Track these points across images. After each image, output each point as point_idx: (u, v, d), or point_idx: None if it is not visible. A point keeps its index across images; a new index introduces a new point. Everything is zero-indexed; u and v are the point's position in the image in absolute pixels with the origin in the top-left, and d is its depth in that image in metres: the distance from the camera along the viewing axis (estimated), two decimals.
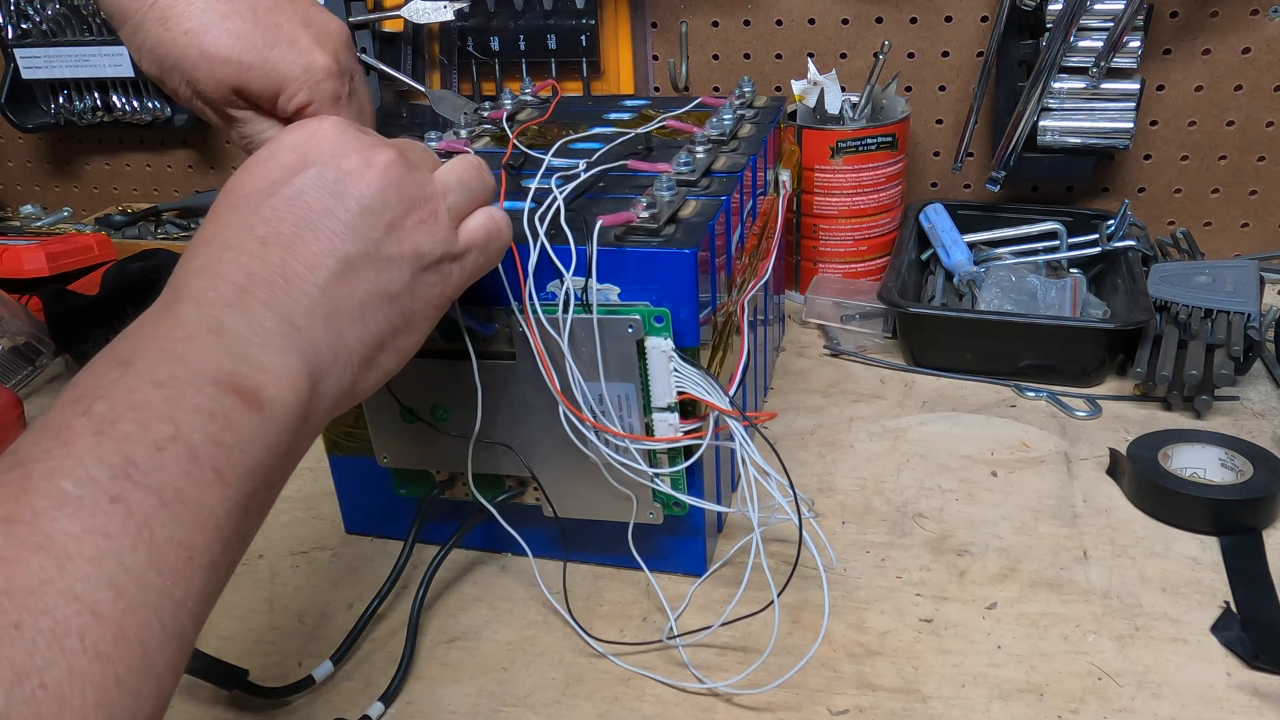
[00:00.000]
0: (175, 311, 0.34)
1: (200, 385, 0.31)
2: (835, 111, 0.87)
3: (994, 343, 0.74)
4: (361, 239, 0.38)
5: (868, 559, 0.56)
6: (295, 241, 0.36)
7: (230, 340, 0.33)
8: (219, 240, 0.36)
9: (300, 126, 0.39)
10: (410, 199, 0.40)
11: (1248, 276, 0.77)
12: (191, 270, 0.36)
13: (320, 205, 0.37)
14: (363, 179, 0.38)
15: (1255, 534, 0.56)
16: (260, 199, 0.37)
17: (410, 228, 0.40)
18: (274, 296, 0.35)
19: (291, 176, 0.38)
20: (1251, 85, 0.87)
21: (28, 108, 1.12)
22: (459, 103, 0.93)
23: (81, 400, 0.29)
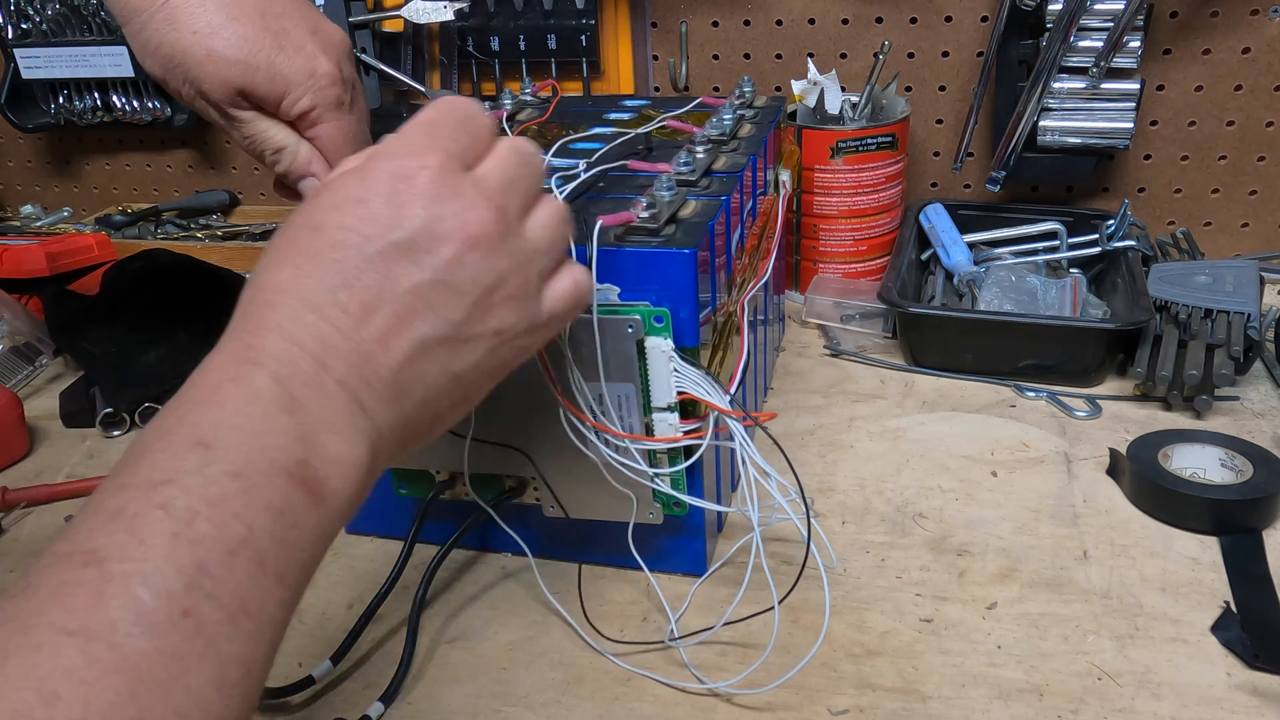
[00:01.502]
0: (252, 380, 0.32)
1: (273, 477, 0.30)
2: (835, 111, 0.87)
3: (994, 343, 0.74)
4: (442, 320, 0.35)
5: (868, 559, 0.56)
6: (376, 315, 0.34)
7: (303, 423, 0.32)
8: (299, 293, 0.34)
9: (398, 160, 0.36)
10: (500, 273, 0.37)
11: (1248, 276, 0.77)
12: (268, 325, 0.34)
13: (406, 279, 0.35)
14: (452, 252, 0.35)
15: (1255, 534, 0.56)
16: (347, 256, 0.35)
17: (496, 305, 0.37)
18: (349, 376, 0.34)
19: (382, 234, 0.35)
20: (1251, 85, 0.87)
21: (28, 108, 1.12)
22: None
23: (159, 488, 0.28)
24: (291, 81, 0.46)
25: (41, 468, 0.71)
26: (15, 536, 0.63)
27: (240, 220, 1.13)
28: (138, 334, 0.75)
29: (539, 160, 0.40)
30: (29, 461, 0.72)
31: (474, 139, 0.38)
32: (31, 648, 0.25)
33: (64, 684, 0.24)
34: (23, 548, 0.62)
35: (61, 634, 0.25)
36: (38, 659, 0.25)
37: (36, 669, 0.24)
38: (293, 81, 0.46)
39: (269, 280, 0.35)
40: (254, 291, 0.35)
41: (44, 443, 0.74)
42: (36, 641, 0.25)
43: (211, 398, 0.32)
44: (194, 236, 1.06)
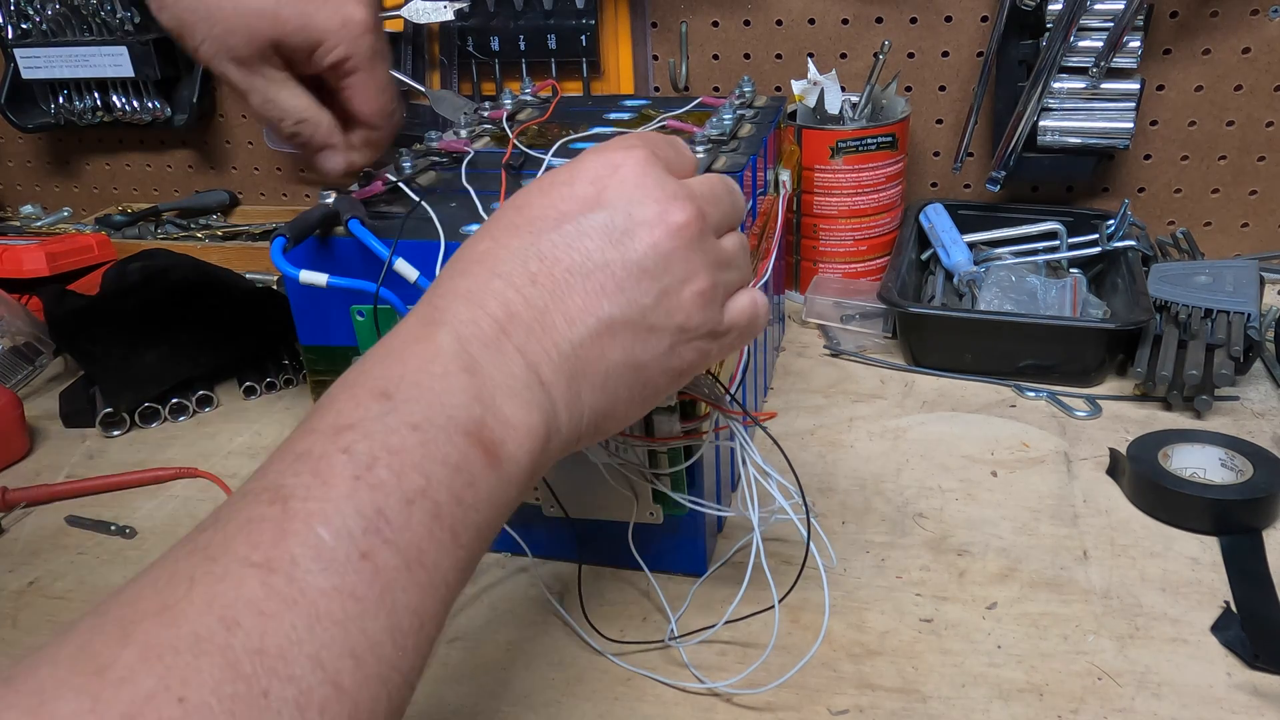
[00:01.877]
0: (434, 339, 0.33)
1: (451, 434, 0.30)
2: (835, 111, 0.87)
3: (994, 343, 0.74)
4: (629, 303, 0.35)
5: (868, 559, 0.56)
6: (563, 288, 0.35)
7: (481, 384, 0.32)
8: (491, 262, 0.35)
9: (606, 152, 0.37)
10: (693, 268, 0.37)
11: (1248, 276, 0.77)
12: (458, 291, 0.34)
13: (599, 255, 0.35)
14: (650, 237, 0.36)
15: (1255, 534, 0.56)
16: (543, 229, 0.35)
17: (685, 300, 0.37)
18: (528, 342, 0.34)
19: (581, 212, 0.35)
20: (1251, 85, 0.87)
21: (28, 108, 1.12)
22: (459, 103, 0.93)
23: (343, 433, 0.29)
24: (325, 30, 0.44)
25: (41, 468, 0.71)
26: (15, 536, 0.63)
27: (240, 220, 1.13)
28: (138, 334, 0.75)
29: (740, 195, 0.41)
30: (29, 461, 0.72)
31: (679, 156, 0.39)
32: (216, 576, 0.26)
33: (245, 613, 0.25)
34: (23, 547, 0.62)
35: (245, 565, 0.26)
36: (221, 587, 0.25)
37: (220, 597, 0.25)
38: (326, 30, 0.44)
39: (467, 252, 0.36)
40: (453, 262, 0.36)
41: (44, 443, 0.74)
42: (222, 571, 0.26)
43: (396, 354, 0.32)
44: (194, 236, 1.06)
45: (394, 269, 0.48)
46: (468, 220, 0.51)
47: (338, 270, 0.49)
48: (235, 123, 1.13)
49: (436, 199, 0.55)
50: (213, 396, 0.78)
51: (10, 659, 0.53)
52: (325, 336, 0.54)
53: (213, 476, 0.68)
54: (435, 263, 0.49)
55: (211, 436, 0.74)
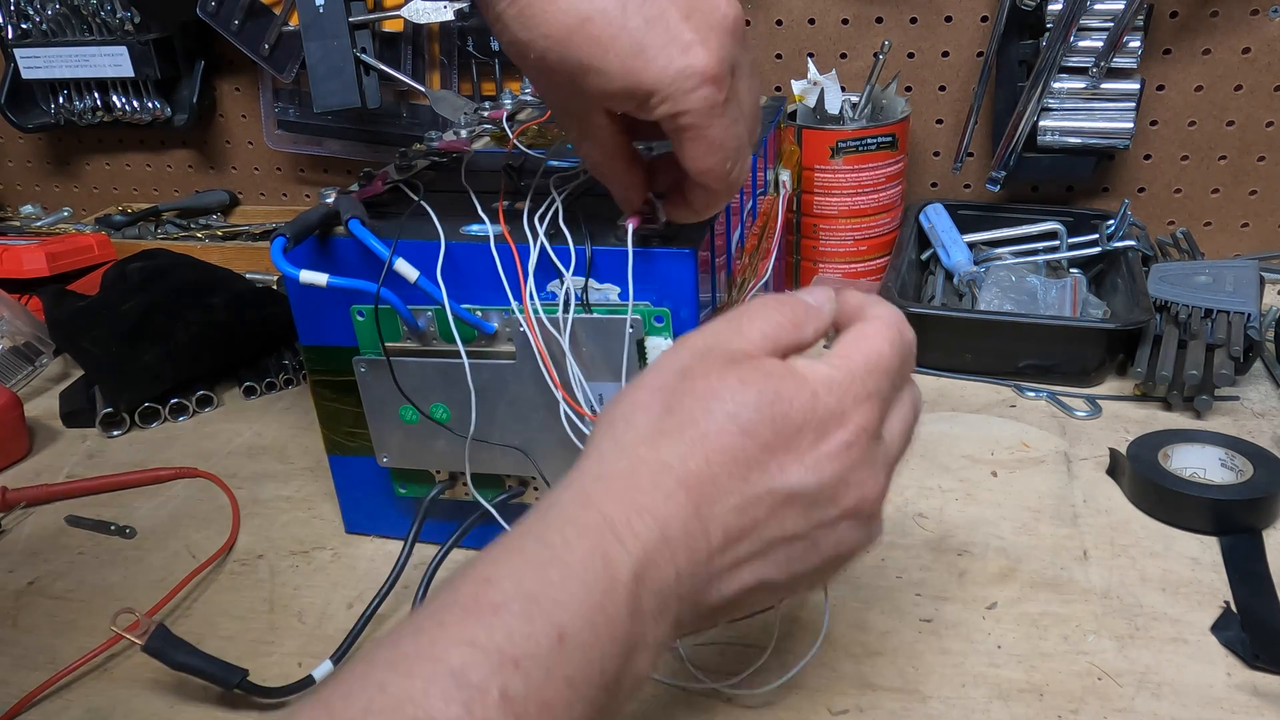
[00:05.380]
0: (617, 570, 0.31)
1: (594, 691, 0.30)
2: (835, 111, 0.87)
3: (994, 343, 0.74)
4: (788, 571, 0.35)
5: (868, 559, 0.56)
6: (746, 553, 0.34)
7: (635, 633, 0.32)
8: (700, 497, 0.33)
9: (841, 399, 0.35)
10: (854, 544, 0.37)
11: (1248, 276, 0.77)
12: (657, 514, 0.33)
13: (791, 525, 0.35)
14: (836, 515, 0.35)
15: (1255, 534, 0.56)
16: (758, 481, 0.34)
17: (829, 565, 0.37)
18: (691, 595, 0.34)
19: (798, 478, 0.34)
20: (1251, 85, 0.87)
21: (28, 108, 1.12)
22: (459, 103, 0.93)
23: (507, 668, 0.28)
24: (656, 83, 0.39)
25: (41, 468, 0.71)
26: (15, 537, 0.63)
27: (240, 220, 1.13)
28: (138, 334, 0.75)
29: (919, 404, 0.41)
30: (29, 461, 0.72)
31: (900, 385, 0.38)
32: None
33: None
34: (23, 548, 0.62)
35: None
36: None
37: None
38: (658, 83, 0.39)
39: (676, 457, 0.34)
40: (653, 450, 0.34)
41: (44, 443, 0.74)
42: None
43: (580, 571, 0.31)
44: (194, 236, 1.06)
45: (394, 269, 0.48)
46: (468, 220, 0.51)
47: (338, 270, 0.49)
48: (235, 123, 1.13)
49: (436, 199, 0.55)
50: (213, 396, 0.78)
51: (10, 659, 0.53)
52: (325, 336, 0.54)
53: (213, 476, 0.68)
54: (435, 263, 0.49)
55: (211, 436, 0.74)
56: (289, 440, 0.72)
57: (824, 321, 0.39)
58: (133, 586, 0.58)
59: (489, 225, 0.49)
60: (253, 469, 0.69)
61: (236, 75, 1.10)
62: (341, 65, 0.93)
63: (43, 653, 0.53)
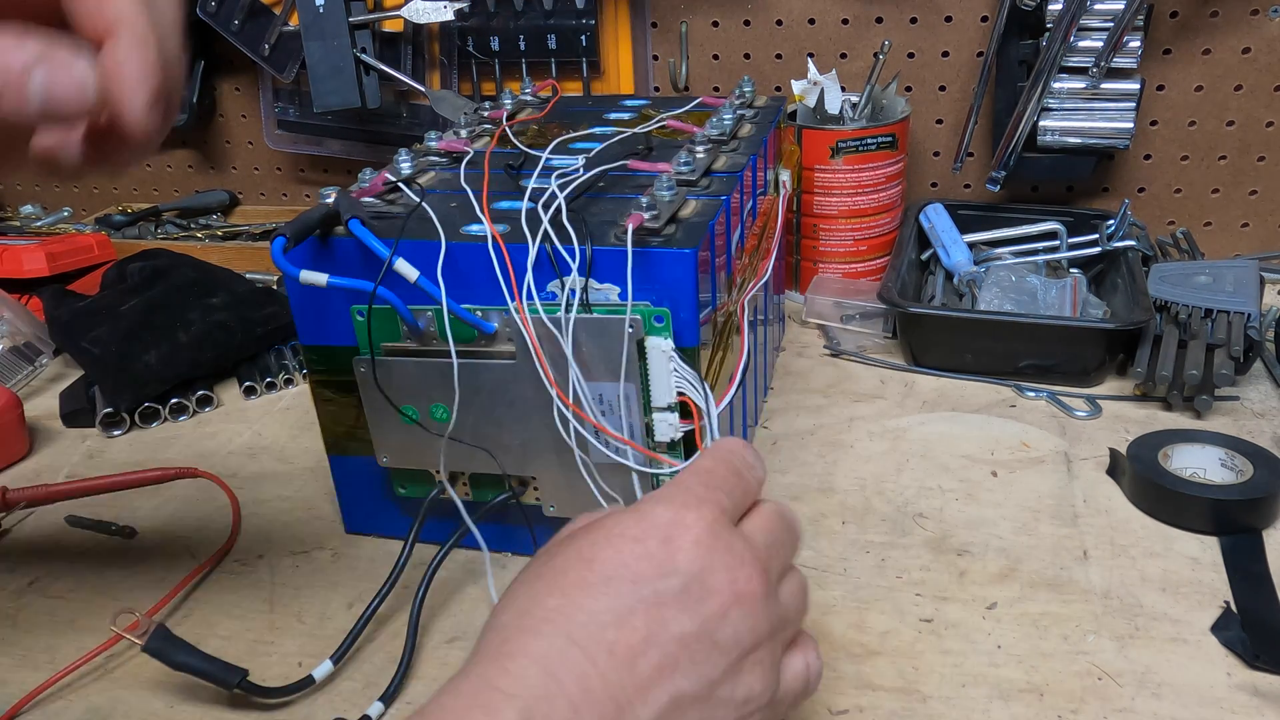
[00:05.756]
0: (501, 712, 0.31)
1: None
2: (835, 111, 0.87)
3: (994, 343, 0.74)
4: (701, 677, 0.34)
5: (868, 559, 0.56)
6: (639, 659, 0.33)
7: None
8: (564, 624, 0.33)
9: (674, 507, 0.36)
10: (759, 636, 0.35)
11: (1248, 276, 0.77)
12: (530, 653, 0.32)
13: (675, 626, 0.34)
14: (721, 607, 0.34)
15: (1255, 534, 0.56)
16: (619, 591, 0.34)
17: (747, 669, 0.35)
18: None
19: (656, 576, 0.34)
20: (1251, 85, 0.87)
21: None
22: (459, 103, 0.93)
23: None
24: None
25: (41, 468, 0.71)
26: (15, 536, 0.63)
27: (240, 220, 1.13)
28: (138, 334, 0.75)
29: (798, 527, 0.40)
30: (29, 461, 0.72)
31: (745, 493, 0.38)
32: None
33: None
34: (23, 548, 0.62)
35: None
36: None
37: None
38: None
39: (533, 605, 0.34)
40: (514, 615, 0.34)
41: (44, 443, 0.74)
42: None
43: None
44: (194, 236, 1.06)
45: (394, 269, 0.48)
46: (468, 220, 0.51)
47: (338, 270, 0.49)
48: (235, 123, 1.13)
49: (436, 199, 0.55)
50: (213, 396, 0.78)
51: (10, 659, 0.53)
52: (325, 336, 0.54)
53: (213, 476, 0.67)
54: (435, 263, 0.49)
55: (211, 436, 0.74)
56: (289, 440, 0.72)
57: None
58: (133, 586, 0.58)
59: (489, 225, 0.49)
60: (253, 469, 0.69)
61: (236, 75, 1.10)
62: (341, 65, 0.93)
63: (43, 653, 0.53)
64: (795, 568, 0.40)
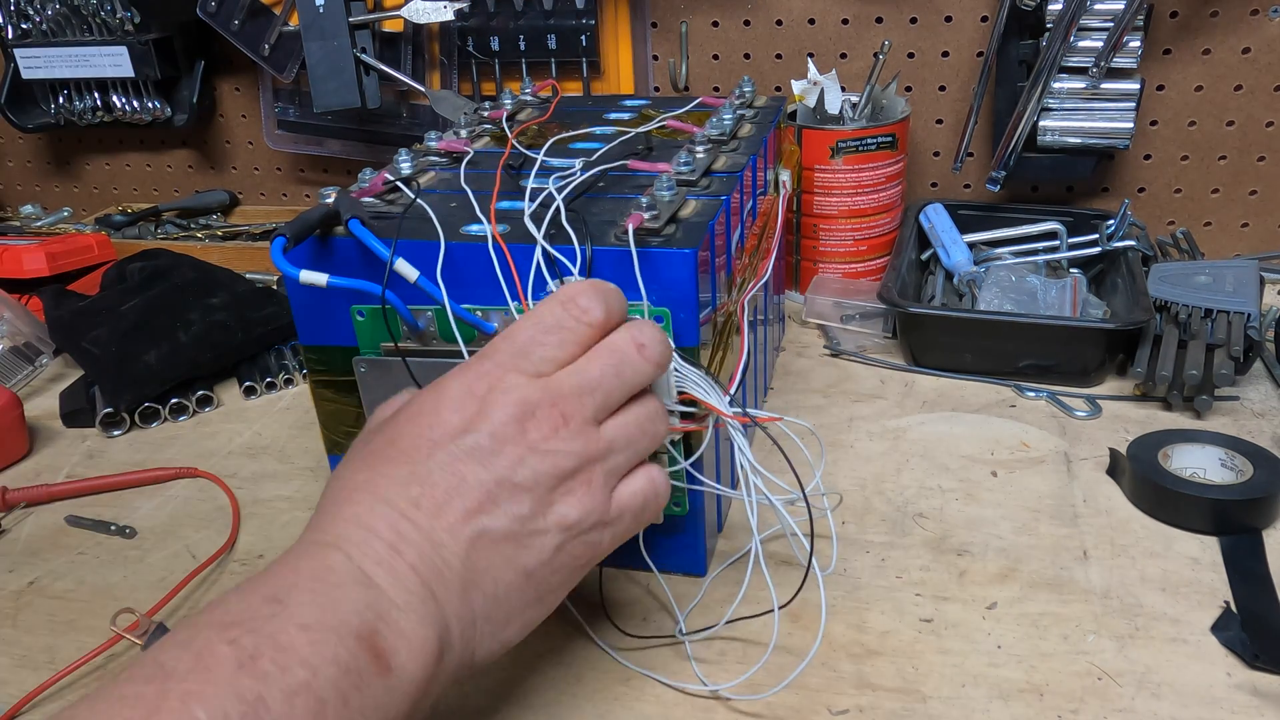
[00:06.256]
0: (327, 558, 0.35)
1: (343, 636, 0.32)
2: (835, 111, 0.87)
3: (994, 343, 0.74)
4: (506, 514, 0.38)
5: (868, 559, 0.56)
6: (445, 507, 0.37)
7: (376, 596, 0.34)
8: (373, 490, 0.37)
9: (465, 376, 0.40)
10: (562, 471, 0.39)
11: (1248, 276, 0.77)
12: (345, 517, 0.37)
13: (472, 476, 0.38)
14: (515, 452, 0.38)
15: (1255, 534, 0.56)
16: (418, 457, 0.38)
17: (558, 499, 0.39)
18: (420, 561, 0.36)
19: (452, 438, 0.38)
20: (1251, 85, 0.87)
21: (28, 108, 1.12)
22: (459, 103, 0.93)
23: (230, 628, 0.30)
24: None
25: (41, 468, 0.71)
26: (15, 536, 0.63)
27: (240, 220, 1.13)
28: (138, 334, 0.75)
29: (649, 361, 0.42)
30: (29, 461, 0.72)
31: (561, 345, 0.41)
32: None
33: None
34: (23, 548, 0.62)
35: None
36: None
37: None
38: None
39: (347, 481, 0.38)
40: (333, 492, 0.39)
41: (44, 443, 0.74)
42: None
43: (289, 569, 0.34)
44: (194, 236, 1.06)
45: (394, 269, 0.48)
46: (468, 220, 0.51)
47: (338, 270, 0.49)
48: (235, 123, 1.13)
49: (436, 199, 0.55)
50: (213, 396, 0.78)
51: (10, 659, 0.53)
52: (325, 336, 0.54)
53: (213, 476, 0.68)
54: (435, 263, 0.49)
55: (211, 436, 0.74)
56: (289, 440, 0.72)
57: None
58: (133, 586, 0.58)
59: (489, 225, 0.49)
60: (253, 469, 0.69)
61: (236, 75, 1.10)
62: (341, 65, 0.93)
63: (43, 653, 0.53)
64: (643, 398, 0.43)
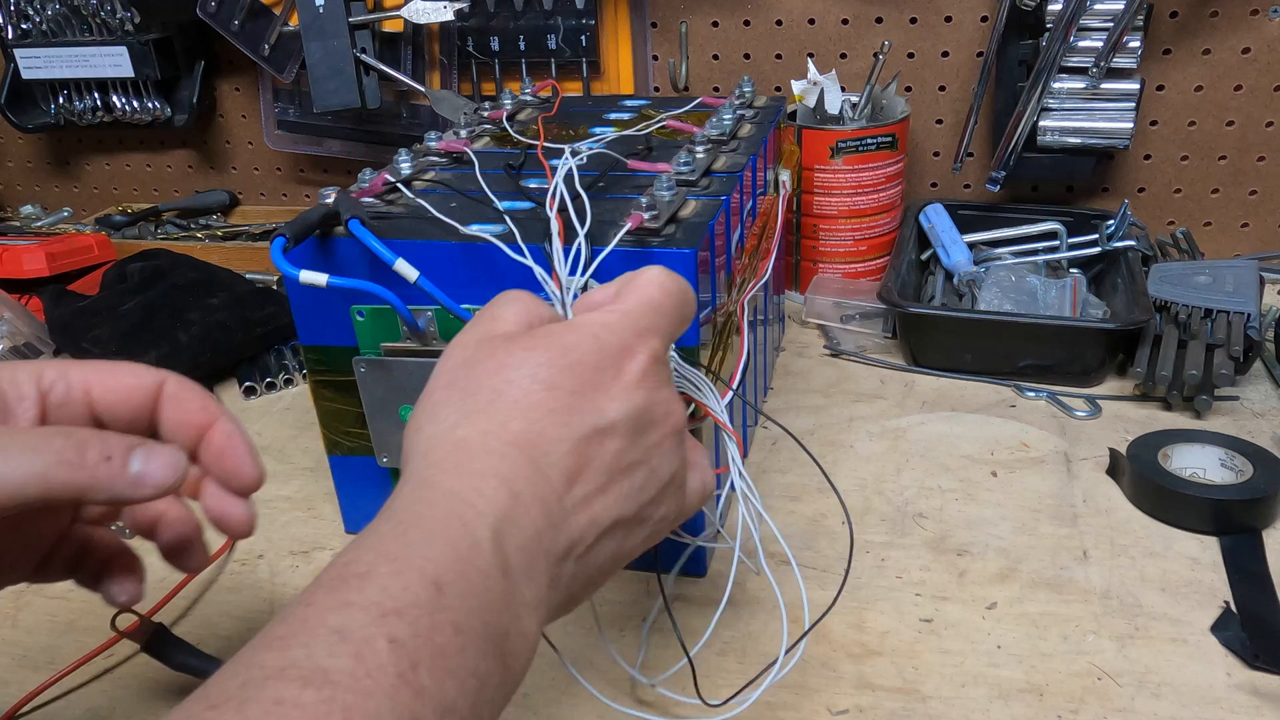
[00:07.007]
0: (476, 530, 0.31)
1: (484, 644, 0.29)
2: (835, 111, 0.87)
3: (994, 343, 0.74)
4: (635, 501, 0.36)
5: (868, 559, 0.56)
6: (594, 489, 0.35)
7: (513, 593, 0.31)
8: (532, 450, 0.34)
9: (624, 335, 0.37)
10: (678, 465, 0.38)
11: (1248, 276, 0.77)
12: (499, 474, 0.33)
13: (626, 456, 0.36)
14: (660, 436, 0.37)
15: (1255, 534, 0.56)
16: (581, 420, 0.35)
17: (669, 493, 0.38)
18: (554, 547, 0.33)
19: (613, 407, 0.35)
20: (1251, 85, 0.87)
21: (28, 108, 1.12)
22: (459, 103, 0.93)
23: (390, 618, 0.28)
24: None
25: None
26: None
27: (240, 220, 1.13)
28: (138, 334, 0.75)
29: None
30: None
31: (684, 323, 0.40)
32: None
33: None
34: None
35: None
36: None
37: None
38: None
39: (496, 427, 0.34)
40: (477, 432, 0.34)
41: None
42: None
43: (440, 533, 0.31)
44: (194, 236, 1.06)
45: (394, 269, 0.48)
46: (468, 221, 0.51)
47: (338, 270, 0.49)
48: (235, 123, 1.13)
49: (436, 199, 0.55)
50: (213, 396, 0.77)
51: (10, 659, 0.53)
52: (325, 336, 0.54)
53: None
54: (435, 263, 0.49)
55: None
56: (289, 440, 0.72)
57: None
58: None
59: (489, 225, 0.49)
60: None
61: (236, 75, 1.10)
62: (341, 65, 0.93)
63: (43, 653, 0.53)
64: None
